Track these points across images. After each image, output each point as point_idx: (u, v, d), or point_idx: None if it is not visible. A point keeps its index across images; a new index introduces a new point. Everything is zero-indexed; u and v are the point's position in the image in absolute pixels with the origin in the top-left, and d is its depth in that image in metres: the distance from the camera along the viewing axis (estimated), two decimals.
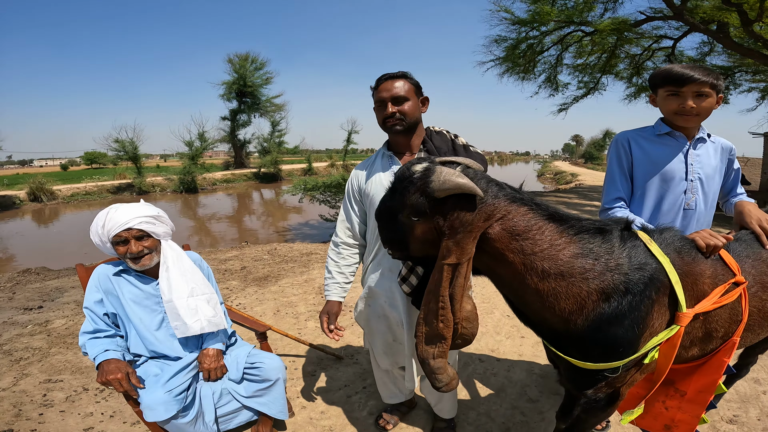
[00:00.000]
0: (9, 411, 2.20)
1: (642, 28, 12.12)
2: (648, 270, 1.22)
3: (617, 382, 1.35)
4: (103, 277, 1.70)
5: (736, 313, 1.38)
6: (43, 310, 4.10)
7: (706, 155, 1.64)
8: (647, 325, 1.24)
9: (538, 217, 1.19)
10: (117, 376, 1.50)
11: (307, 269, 5.00)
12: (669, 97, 1.56)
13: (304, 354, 2.83)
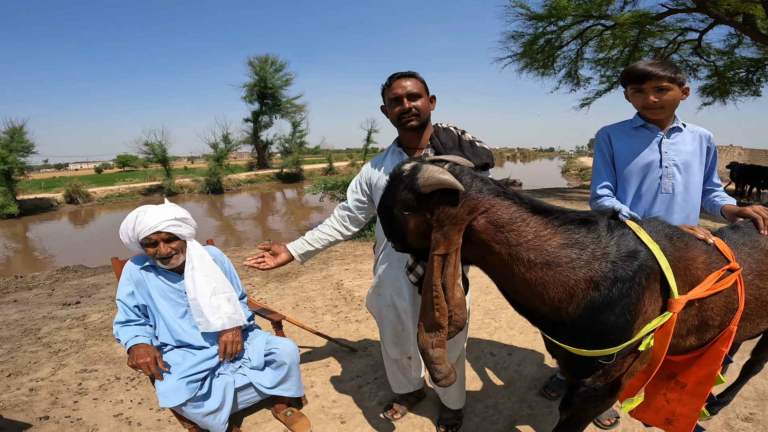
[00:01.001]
0: (46, 399, 2.39)
1: (665, 20, 11.80)
2: (637, 256, 1.25)
3: (615, 371, 1.37)
4: (134, 270, 1.85)
5: (731, 301, 1.39)
6: (80, 305, 4.39)
7: (682, 143, 1.76)
8: (639, 312, 1.26)
9: (522, 210, 1.24)
10: (146, 360, 1.66)
11: (326, 266, 5.19)
12: (635, 93, 1.70)
13: (320, 346, 2.98)
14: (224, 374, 1.89)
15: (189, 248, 1.88)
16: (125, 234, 1.77)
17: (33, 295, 5.07)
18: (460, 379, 2.05)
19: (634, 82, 1.67)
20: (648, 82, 1.64)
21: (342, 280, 4.51)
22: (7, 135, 18.98)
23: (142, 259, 1.88)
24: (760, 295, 1.45)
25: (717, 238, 1.41)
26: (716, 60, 13.86)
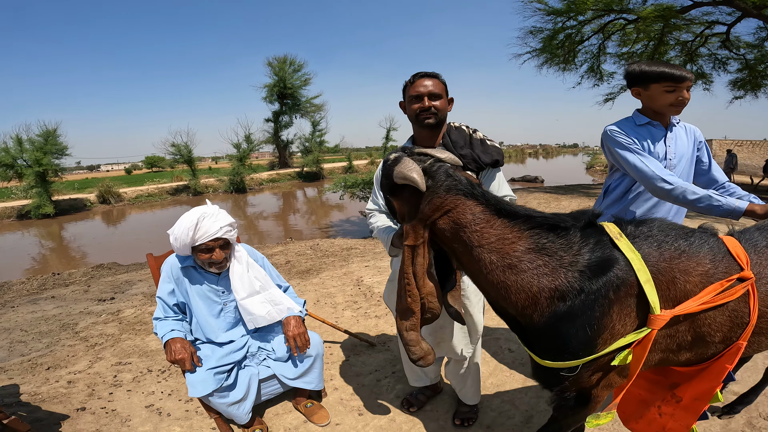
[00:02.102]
0: (83, 391, 2.54)
1: (691, 14, 11.48)
2: (608, 267, 1.16)
3: (583, 383, 1.29)
4: (174, 267, 1.94)
5: (739, 315, 1.24)
6: (114, 301, 4.61)
7: (681, 138, 1.89)
8: (604, 327, 1.18)
9: (488, 212, 1.22)
10: (183, 356, 1.77)
11: (346, 263, 5.30)
12: (665, 92, 1.74)
13: (340, 341, 3.07)
14: (249, 366, 2.00)
15: (234, 251, 1.98)
16: (180, 239, 1.78)
17: (70, 291, 5.34)
18: (476, 375, 2.09)
19: (670, 81, 1.71)
20: (684, 83, 1.71)
21: (362, 276, 4.61)
22: (42, 138, 19.85)
23: (183, 259, 1.95)
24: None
25: (729, 238, 1.29)
26: (746, 53, 13.39)
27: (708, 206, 1.60)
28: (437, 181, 1.21)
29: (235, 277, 1.92)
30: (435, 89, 1.72)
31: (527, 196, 12.29)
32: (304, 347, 1.96)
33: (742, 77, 13.97)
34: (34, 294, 5.47)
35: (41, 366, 2.92)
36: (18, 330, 3.83)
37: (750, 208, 1.53)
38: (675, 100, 1.73)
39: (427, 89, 1.71)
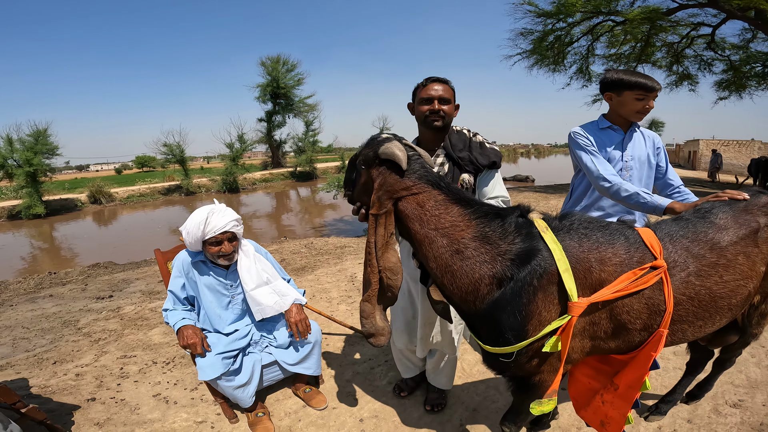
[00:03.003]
0: (92, 383, 2.65)
1: (677, 15, 11.74)
2: (533, 257, 1.24)
3: (525, 369, 1.37)
4: (186, 262, 2.09)
5: (655, 303, 1.31)
6: (113, 298, 4.70)
7: (639, 142, 2.06)
8: (532, 313, 1.26)
9: (448, 200, 1.36)
10: (195, 341, 1.92)
11: (340, 260, 5.44)
12: (636, 100, 1.90)
13: (335, 332, 3.22)
14: (253, 353, 2.15)
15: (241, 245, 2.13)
16: (192, 233, 1.95)
17: (67, 290, 5.41)
18: (453, 364, 2.22)
19: (642, 90, 1.88)
20: (651, 93, 1.90)
21: (356, 273, 4.75)
22: (32, 138, 19.66)
23: (194, 254, 2.10)
24: (698, 294, 1.36)
25: (643, 229, 1.39)
26: (731, 54, 13.72)
27: (636, 203, 1.79)
28: (413, 167, 1.39)
29: (243, 269, 2.07)
30: (445, 94, 1.83)
31: (517, 195, 12.50)
32: (306, 332, 2.11)
33: (727, 78, 14.29)
34: (32, 293, 5.52)
35: (47, 360, 3.03)
36: (20, 327, 3.92)
37: (670, 206, 1.68)
38: (642, 107, 1.92)
39: (438, 93, 1.82)
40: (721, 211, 1.48)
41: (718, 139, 27.20)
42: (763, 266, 1.46)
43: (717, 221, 1.45)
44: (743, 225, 1.44)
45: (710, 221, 1.44)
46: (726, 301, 1.40)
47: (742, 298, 1.44)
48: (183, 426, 2.17)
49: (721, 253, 1.39)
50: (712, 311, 1.40)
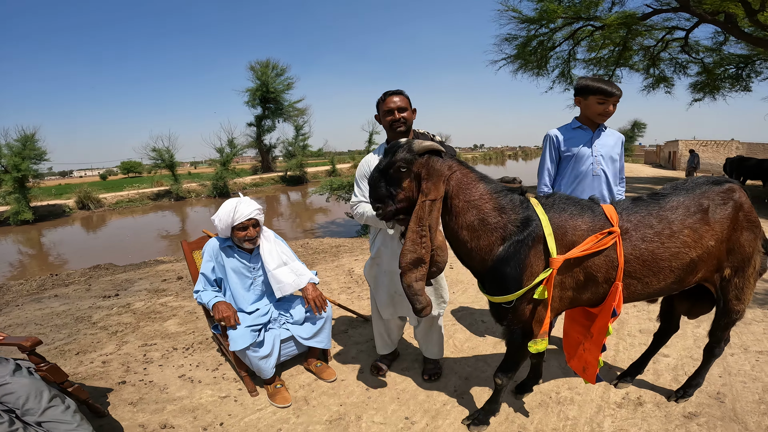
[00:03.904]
0: (120, 368, 2.88)
1: (653, 20, 12.20)
2: (530, 224, 1.65)
3: (521, 315, 1.75)
4: (215, 248, 2.40)
5: (612, 259, 1.69)
6: (119, 297, 4.85)
7: (606, 139, 2.42)
8: (527, 266, 1.65)
9: (475, 176, 1.73)
10: (229, 314, 2.21)
11: (337, 258, 5.72)
12: (598, 103, 2.27)
13: (339, 317, 3.54)
14: (273, 328, 2.44)
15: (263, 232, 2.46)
16: (223, 220, 2.30)
17: (71, 290, 5.56)
18: (439, 333, 2.54)
19: (602, 95, 2.25)
20: (611, 98, 2.25)
21: (353, 267, 5.05)
22: (20, 143, 19.54)
23: (223, 241, 2.43)
24: (641, 255, 1.72)
25: (606, 205, 1.77)
26: (705, 57, 14.25)
27: None
28: (444, 152, 1.71)
29: (265, 252, 2.39)
30: (402, 104, 2.20)
31: None
32: (323, 307, 2.41)
33: (701, 80, 14.86)
34: (35, 294, 5.65)
35: (70, 352, 3.23)
36: (32, 324, 4.08)
37: None
38: (603, 110, 2.28)
39: (396, 104, 2.19)
40: (675, 195, 1.84)
41: (697, 140, 28.03)
42: (713, 241, 1.80)
43: (668, 202, 1.80)
44: (693, 206, 1.80)
45: (662, 202, 1.81)
46: (666, 263, 1.76)
47: (683, 264, 1.77)
48: (209, 401, 2.43)
49: (667, 225, 1.74)
50: (655, 270, 1.76)
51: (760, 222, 1.93)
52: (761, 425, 2.07)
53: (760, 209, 9.83)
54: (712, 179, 1.92)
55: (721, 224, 1.80)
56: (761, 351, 2.83)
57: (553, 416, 2.17)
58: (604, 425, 2.09)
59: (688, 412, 2.17)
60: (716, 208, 1.80)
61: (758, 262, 1.94)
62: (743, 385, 2.42)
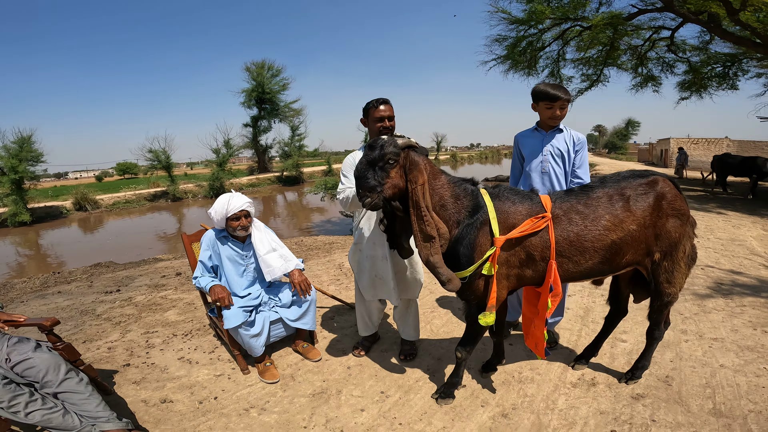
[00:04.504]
0: (124, 353, 3.14)
1: (639, 20, 12.40)
2: (479, 209, 1.98)
3: (476, 291, 2.04)
4: (211, 239, 2.68)
5: (545, 240, 1.99)
6: (120, 292, 5.10)
7: (558, 141, 2.65)
8: (476, 246, 1.97)
9: (438, 169, 2.06)
10: (224, 295, 2.48)
11: (329, 254, 5.99)
12: (546, 108, 2.52)
13: (327, 306, 3.81)
14: (263, 311, 2.72)
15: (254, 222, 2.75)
16: (219, 211, 2.62)
17: (74, 287, 5.80)
18: (416, 315, 2.80)
19: (548, 100, 2.49)
20: (558, 102, 2.48)
21: (343, 262, 5.32)
22: (17, 145, 19.64)
23: (218, 232, 2.73)
24: (568, 237, 2.01)
25: (543, 195, 2.08)
26: (691, 56, 14.50)
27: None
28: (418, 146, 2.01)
29: (256, 239, 2.67)
30: (390, 113, 2.46)
31: None
32: (308, 290, 2.68)
33: (688, 79, 15.14)
34: (39, 291, 5.89)
35: (77, 341, 3.47)
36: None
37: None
38: (551, 114, 2.54)
39: (386, 113, 2.45)
40: (601, 187, 2.13)
41: (689, 138, 28.34)
42: (634, 226, 2.05)
43: (595, 192, 2.09)
44: (616, 195, 2.08)
45: (590, 192, 2.10)
46: (590, 244, 2.03)
47: (605, 245, 2.04)
48: (205, 379, 2.70)
49: (591, 212, 2.03)
50: (581, 250, 2.04)
51: (687, 210, 2.17)
52: (704, 408, 2.23)
53: (744, 205, 10.12)
54: (637, 172, 2.20)
55: (642, 211, 2.06)
56: (715, 338, 3.03)
57: (513, 393, 2.43)
58: (558, 402, 2.33)
59: (636, 393, 2.38)
60: (638, 198, 2.07)
61: (688, 247, 2.19)
62: (692, 370, 2.61)
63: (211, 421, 2.27)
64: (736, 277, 4.51)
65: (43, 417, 1.92)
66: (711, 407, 2.25)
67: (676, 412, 2.21)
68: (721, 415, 2.18)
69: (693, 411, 2.22)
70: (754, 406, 2.24)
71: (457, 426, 2.17)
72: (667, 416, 2.18)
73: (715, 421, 2.13)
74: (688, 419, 2.15)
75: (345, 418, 2.27)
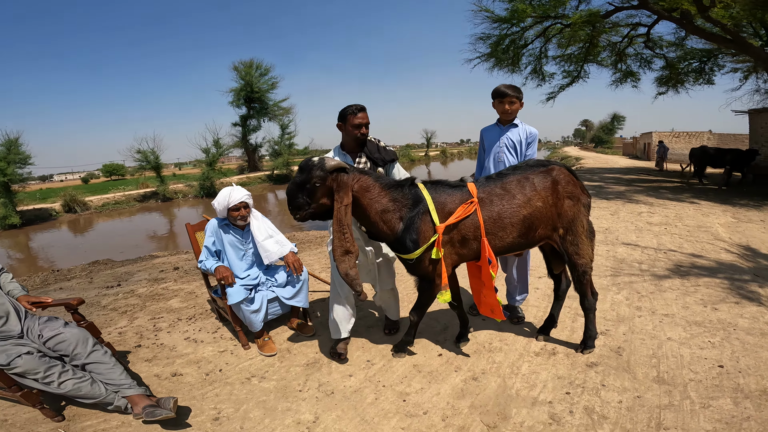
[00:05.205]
0: (134, 336, 3.42)
1: (617, 17, 12.78)
2: (419, 203, 2.34)
3: (424, 269, 2.40)
4: (214, 227, 3.01)
5: (475, 221, 2.37)
6: (121, 287, 5.35)
7: (513, 134, 3.02)
8: (421, 232, 2.33)
9: (373, 181, 2.34)
10: (227, 274, 2.79)
11: (320, 247, 6.32)
12: (498, 104, 2.92)
13: (319, 290, 4.19)
14: (261, 290, 3.05)
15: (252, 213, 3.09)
16: (221, 203, 2.94)
17: (75, 284, 6.01)
18: (397, 299, 3.15)
19: (499, 97, 2.91)
20: (506, 98, 2.87)
21: None
22: (4, 147, 19.52)
23: (221, 221, 3.06)
24: (491, 216, 2.40)
25: (470, 183, 2.44)
26: (668, 52, 14.95)
27: None
28: (351, 167, 2.32)
29: (254, 228, 3.00)
30: (367, 120, 2.71)
31: None
32: (300, 269, 3.02)
33: (665, 75, 15.61)
34: (40, 288, 6.09)
35: None
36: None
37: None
38: (503, 109, 2.93)
39: (364, 120, 2.69)
40: (513, 174, 2.54)
41: (672, 132, 29.02)
42: (540, 203, 2.46)
43: (507, 178, 2.51)
44: (523, 179, 2.49)
45: (504, 179, 2.51)
46: (508, 221, 2.44)
47: (519, 220, 2.45)
48: (210, 354, 3.01)
49: (506, 193, 2.45)
50: (501, 226, 2.44)
51: (579, 193, 2.58)
52: (648, 376, 2.48)
53: (718, 195, 10.58)
54: (540, 162, 2.63)
55: (545, 192, 2.49)
56: (666, 314, 3.35)
57: (483, 360, 2.77)
58: (522, 368, 2.66)
59: (590, 361, 2.67)
60: (540, 181, 2.50)
61: (585, 223, 2.59)
62: (641, 342, 2.90)
63: (217, 389, 2.58)
64: (695, 260, 4.89)
65: (74, 386, 2.22)
66: (655, 375, 2.50)
67: (624, 378, 2.47)
68: (664, 382, 2.43)
69: (638, 378, 2.47)
70: (694, 375, 2.49)
71: (433, 387, 2.50)
72: (616, 382, 2.45)
73: (657, 388, 2.37)
74: (634, 385, 2.41)
75: (335, 382, 2.60)
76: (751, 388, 2.35)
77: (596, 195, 10.71)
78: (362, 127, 2.68)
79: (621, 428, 2.06)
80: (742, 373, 2.51)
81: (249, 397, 2.49)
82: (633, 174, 17.42)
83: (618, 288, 3.98)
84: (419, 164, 50.89)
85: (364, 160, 2.78)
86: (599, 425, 2.09)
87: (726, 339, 2.92)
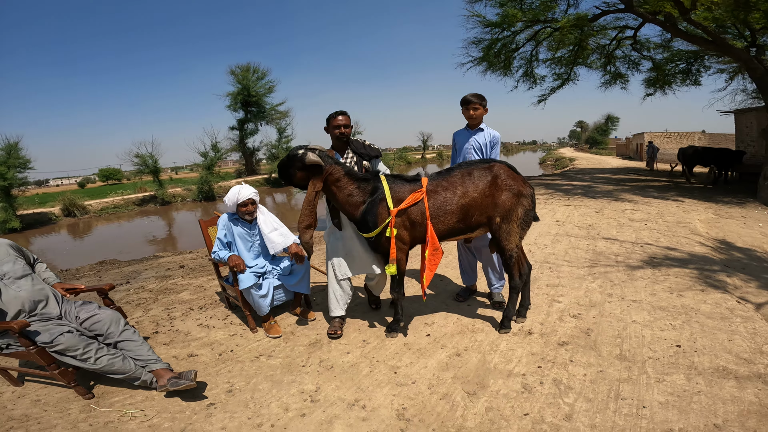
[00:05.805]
0: (151, 324, 3.71)
1: (605, 20, 13.14)
2: (378, 191, 2.86)
3: (383, 247, 2.91)
4: (226, 221, 3.35)
5: (423, 209, 2.85)
6: (131, 283, 5.64)
7: (480, 137, 3.47)
8: (378, 215, 2.85)
9: (343, 173, 2.85)
10: (239, 262, 3.12)
11: (319, 245, 6.62)
12: (464, 111, 3.34)
13: (318, 282, 4.50)
14: (268, 278, 3.38)
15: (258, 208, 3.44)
16: (231, 199, 3.30)
17: (84, 282, 6.31)
18: (384, 279, 3.50)
19: (464, 105, 3.34)
20: (469, 105, 3.32)
21: None
22: (4, 151, 19.65)
23: (231, 215, 3.41)
24: (436, 203, 2.87)
25: (423, 177, 2.92)
26: (655, 54, 15.31)
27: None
28: (325, 161, 2.77)
29: (261, 221, 3.35)
30: (345, 122, 3.17)
31: None
32: (302, 259, 3.36)
33: (653, 76, 15.99)
34: None
35: None
36: None
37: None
38: (468, 115, 3.37)
39: (342, 122, 3.17)
40: (458, 169, 2.97)
41: (664, 132, 29.46)
42: (476, 194, 2.89)
43: (453, 173, 2.95)
44: (465, 174, 2.93)
45: (450, 173, 2.96)
46: (449, 207, 2.88)
47: (457, 207, 2.89)
48: (222, 338, 3.34)
49: (449, 185, 2.90)
50: (443, 212, 2.89)
51: (517, 186, 2.94)
52: (612, 353, 2.76)
53: (702, 193, 10.97)
54: (484, 160, 3.06)
55: (483, 185, 2.91)
56: (634, 300, 3.65)
57: (466, 339, 3.11)
58: (500, 346, 2.97)
59: (561, 341, 2.95)
60: (480, 176, 2.93)
61: (519, 214, 2.96)
62: (609, 324, 3.18)
63: (230, 367, 2.91)
64: (669, 252, 5.23)
65: (108, 362, 2.52)
66: (618, 353, 2.77)
67: (590, 355, 2.76)
68: (625, 359, 2.69)
69: (603, 355, 2.75)
70: (653, 354, 2.75)
71: (421, 362, 2.83)
72: (582, 358, 2.73)
73: (619, 364, 2.64)
74: (598, 361, 2.69)
75: (335, 358, 2.94)
76: (704, 366, 2.60)
77: (584, 194, 11.09)
78: (341, 127, 3.15)
79: (584, 398, 2.35)
80: (697, 352, 2.76)
81: (258, 372, 2.81)
82: (623, 174, 17.84)
83: (593, 277, 4.31)
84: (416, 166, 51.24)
85: (350, 156, 3.22)
86: (565, 394, 2.40)
87: (686, 322, 3.21)
